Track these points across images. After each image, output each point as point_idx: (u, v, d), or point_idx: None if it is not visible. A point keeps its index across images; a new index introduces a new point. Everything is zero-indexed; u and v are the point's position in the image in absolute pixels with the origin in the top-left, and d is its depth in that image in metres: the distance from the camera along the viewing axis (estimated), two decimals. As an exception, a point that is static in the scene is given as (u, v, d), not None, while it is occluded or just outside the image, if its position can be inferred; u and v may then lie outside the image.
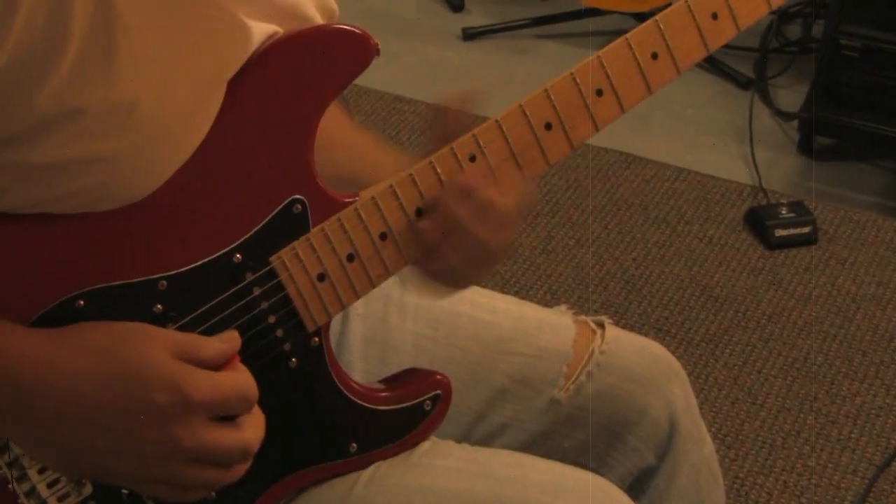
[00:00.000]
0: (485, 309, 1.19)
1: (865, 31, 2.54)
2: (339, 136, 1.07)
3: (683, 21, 1.01)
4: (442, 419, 1.04)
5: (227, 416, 0.89)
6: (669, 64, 1.01)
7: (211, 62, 0.89)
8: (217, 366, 0.90)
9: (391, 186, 0.97)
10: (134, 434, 0.86)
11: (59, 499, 0.92)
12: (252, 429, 0.90)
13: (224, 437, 0.89)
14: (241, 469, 0.91)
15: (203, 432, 0.87)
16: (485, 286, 1.23)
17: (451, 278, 1.04)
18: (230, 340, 0.92)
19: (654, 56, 1.00)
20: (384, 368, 1.12)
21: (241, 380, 0.90)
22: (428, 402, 1.03)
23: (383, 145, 1.11)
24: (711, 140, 2.76)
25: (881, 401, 2.10)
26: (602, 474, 1.14)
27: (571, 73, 0.99)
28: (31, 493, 0.91)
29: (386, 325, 1.17)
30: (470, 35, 3.11)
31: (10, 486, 0.90)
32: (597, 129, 1.01)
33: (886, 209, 2.56)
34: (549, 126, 0.99)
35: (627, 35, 1.00)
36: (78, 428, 0.86)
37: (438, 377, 1.04)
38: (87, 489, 0.92)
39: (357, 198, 0.97)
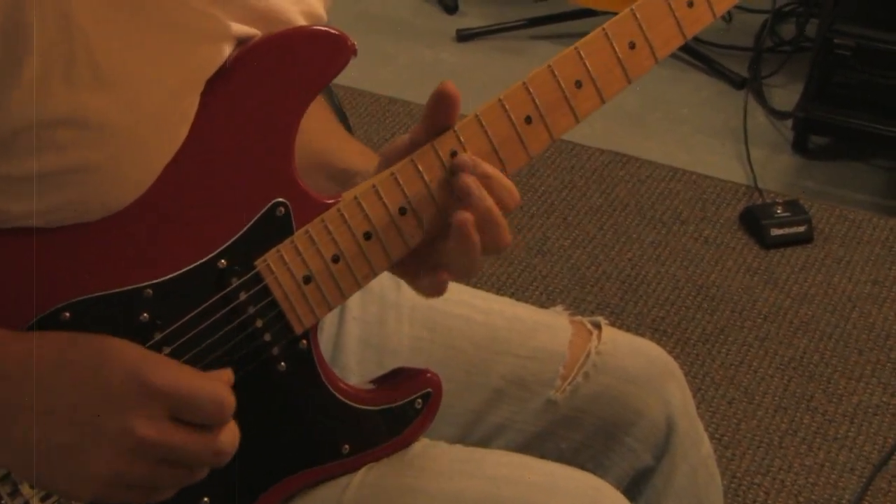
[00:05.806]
0: (480, 310, 1.19)
1: (859, 30, 2.55)
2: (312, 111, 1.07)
3: (659, 9, 1.01)
4: (433, 417, 1.04)
5: (201, 423, 0.87)
6: (647, 53, 1.01)
7: (183, 67, 0.88)
8: None
9: (373, 186, 0.96)
10: (91, 425, 0.84)
11: None
12: (226, 434, 0.88)
13: (191, 438, 0.86)
14: (204, 471, 0.89)
15: (167, 430, 0.85)
16: (480, 288, 1.23)
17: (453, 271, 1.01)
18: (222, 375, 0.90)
19: (632, 46, 1.00)
20: (380, 371, 1.10)
21: (218, 386, 0.88)
22: (419, 400, 1.03)
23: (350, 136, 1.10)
24: (706, 140, 2.76)
25: (878, 399, 2.10)
26: (599, 475, 1.13)
27: (549, 66, 0.98)
28: None
29: (382, 329, 1.17)
30: (464, 36, 3.11)
31: (2, 501, 0.89)
32: (577, 121, 1.00)
33: (881, 208, 2.56)
34: (529, 119, 0.98)
35: (604, 25, 1.00)
36: (34, 422, 0.84)
37: (429, 375, 1.03)
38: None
39: (340, 198, 0.96)
